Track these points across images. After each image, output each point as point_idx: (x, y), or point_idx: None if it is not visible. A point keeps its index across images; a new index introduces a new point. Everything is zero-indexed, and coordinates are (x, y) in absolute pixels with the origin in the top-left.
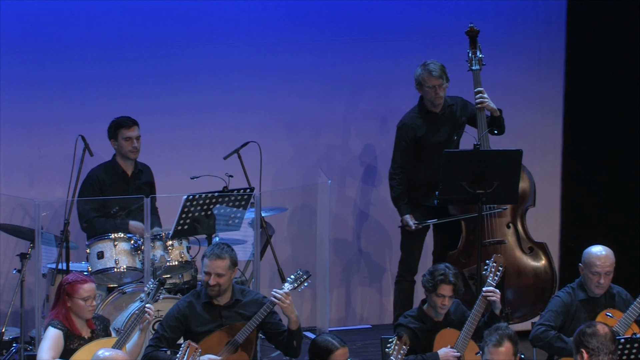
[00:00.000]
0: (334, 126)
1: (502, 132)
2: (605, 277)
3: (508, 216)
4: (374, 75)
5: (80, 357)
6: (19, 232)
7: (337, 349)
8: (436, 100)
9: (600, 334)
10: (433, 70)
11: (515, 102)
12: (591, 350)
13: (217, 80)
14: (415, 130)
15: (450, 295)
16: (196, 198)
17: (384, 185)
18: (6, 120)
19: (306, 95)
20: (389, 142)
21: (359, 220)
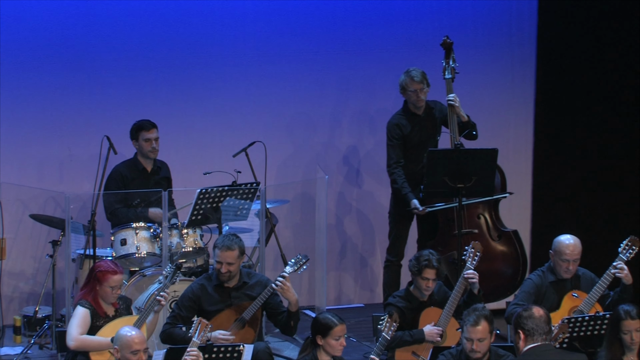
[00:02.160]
0: (330, 127)
1: (475, 138)
2: (573, 263)
3: (478, 208)
4: (364, 81)
5: (105, 333)
6: (51, 221)
7: (336, 325)
8: (418, 103)
9: (536, 316)
10: (415, 76)
11: (491, 105)
12: (527, 332)
13: (227, 87)
14: (402, 129)
15: (434, 278)
16: (208, 191)
17: (374, 179)
18: (40, 123)
19: (305, 100)
20: (377, 140)
21: (351, 211)
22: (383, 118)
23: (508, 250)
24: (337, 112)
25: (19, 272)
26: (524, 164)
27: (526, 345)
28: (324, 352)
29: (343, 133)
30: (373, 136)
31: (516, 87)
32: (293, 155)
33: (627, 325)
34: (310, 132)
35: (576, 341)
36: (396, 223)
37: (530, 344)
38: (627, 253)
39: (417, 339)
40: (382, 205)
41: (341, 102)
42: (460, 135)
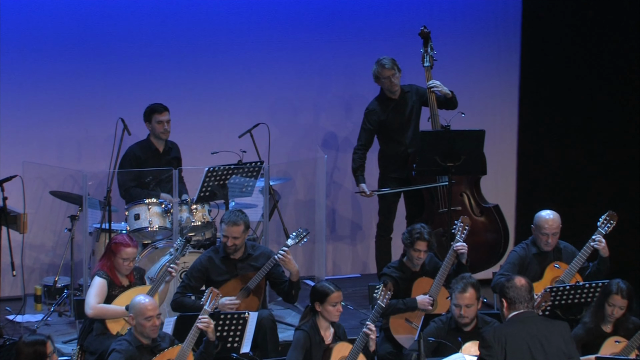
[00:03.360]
0: (330, 110)
1: (455, 107)
2: (553, 237)
3: (461, 187)
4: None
5: (120, 302)
6: (69, 198)
7: (332, 292)
8: (392, 88)
9: (518, 286)
10: (385, 63)
11: (479, 90)
12: (509, 300)
13: (233, 73)
14: (379, 115)
15: (425, 250)
16: (216, 170)
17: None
18: (59, 106)
19: (309, 84)
20: None
21: (346, 189)
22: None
23: (490, 224)
24: (336, 95)
25: (40, 245)
26: (509, 145)
27: (510, 312)
28: (322, 318)
29: (342, 114)
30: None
31: (502, 73)
32: (295, 136)
33: (615, 300)
34: (311, 114)
35: (558, 309)
36: (385, 202)
37: (514, 311)
38: (605, 227)
39: (410, 306)
40: (370, 185)
41: (339, 86)
42: (443, 108)
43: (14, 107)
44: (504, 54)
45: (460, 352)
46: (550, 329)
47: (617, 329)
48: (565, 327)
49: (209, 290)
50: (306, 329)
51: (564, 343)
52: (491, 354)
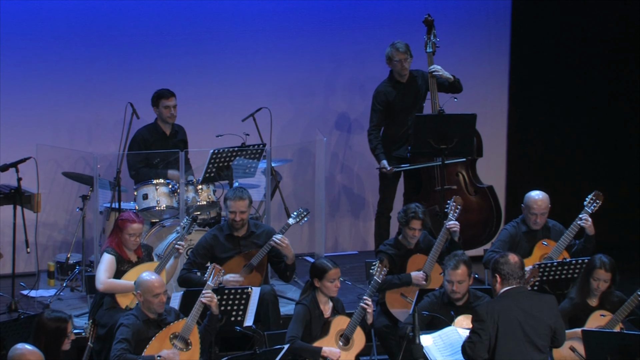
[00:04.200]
0: (325, 93)
1: (460, 91)
2: (541, 216)
3: (457, 167)
4: (356, 53)
5: (129, 277)
6: (81, 178)
7: (330, 269)
8: (402, 72)
9: (511, 262)
10: (399, 47)
11: (470, 77)
12: (503, 276)
13: (237, 59)
14: (387, 96)
15: (420, 228)
16: (220, 152)
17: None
18: (71, 91)
19: (306, 70)
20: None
21: (345, 169)
22: (372, 85)
23: (483, 204)
24: (332, 80)
25: (53, 223)
26: (499, 128)
27: (503, 287)
28: (321, 293)
29: (337, 99)
30: (363, 101)
31: (492, 59)
32: (295, 119)
33: (599, 274)
34: (310, 98)
35: (546, 284)
36: (385, 180)
37: (506, 286)
38: (591, 206)
39: (405, 282)
40: (371, 164)
41: (336, 71)
42: (448, 92)
43: (28, 93)
44: (494, 40)
45: (453, 325)
46: (540, 303)
47: (602, 303)
48: (553, 300)
49: (212, 266)
50: (306, 303)
51: (552, 316)
52: (484, 327)
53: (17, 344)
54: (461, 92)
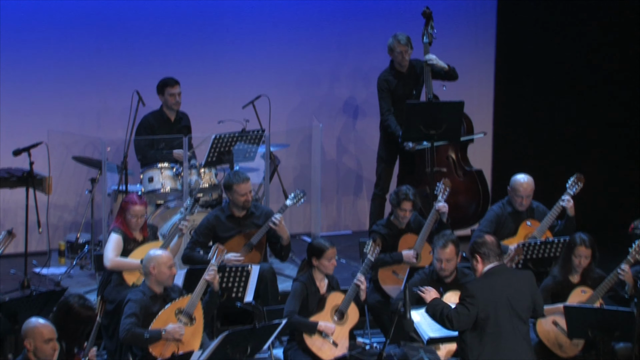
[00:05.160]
0: (325, 82)
1: (455, 79)
2: (526, 199)
3: (447, 151)
4: (357, 44)
5: (136, 256)
6: (90, 162)
7: (328, 248)
8: (403, 62)
9: (488, 242)
10: (401, 39)
11: (459, 65)
12: (483, 255)
13: (238, 49)
14: (389, 84)
15: (410, 209)
16: (222, 137)
17: (365, 126)
18: (80, 79)
19: (305, 59)
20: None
21: (344, 153)
22: (374, 74)
23: (471, 186)
24: (332, 69)
25: (63, 205)
26: (485, 113)
27: (485, 266)
28: (318, 271)
29: (341, 86)
30: (366, 89)
31: (480, 47)
32: (293, 106)
33: (580, 251)
34: (310, 86)
35: (530, 262)
36: (384, 163)
37: (488, 265)
38: (573, 188)
39: (397, 260)
40: (370, 148)
41: (336, 60)
42: (445, 80)
43: (40, 82)
44: (480, 29)
45: None
46: (521, 278)
47: (584, 280)
48: (531, 276)
49: (215, 246)
50: (303, 280)
51: (531, 290)
52: (474, 302)
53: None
54: (457, 79)
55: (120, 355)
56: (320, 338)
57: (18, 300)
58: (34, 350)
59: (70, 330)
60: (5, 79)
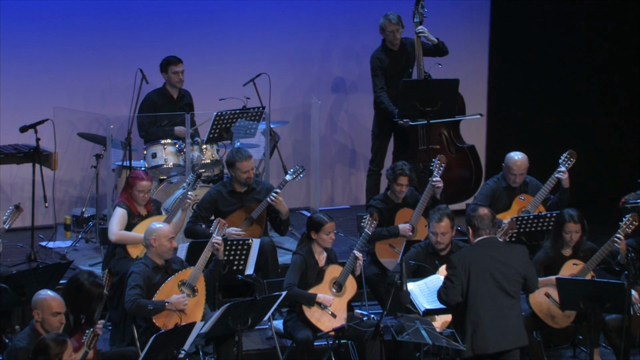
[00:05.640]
0: (323, 60)
1: (446, 54)
2: (520, 176)
3: (441, 128)
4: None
5: (139, 230)
6: (95, 139)
7: (326, 222)
8: (394, 41)
9: (481, 215)
10: (392, 19)
11: (454, 44)
12: (474, 227)
13: (239, 28)
14: (382, 62)
15: (407, 184)
16: (223, 114)
17: (358, 103)
18: (86, 58)
19: (303, 38)
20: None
21: (336, 129)
22: (366, 52)
23: (464, 162)
24: (329, 48)
25: (69, 180)
26: (480, 92)
27: (475, 238)
28: (317, 244)
29: (333, 65)
30: (357, 67)
31: (474, 27)
32: (292, 84)
33: (569, 227)
34: (307, 64)
35: (523, 236)
36: (378, 139)
37: (478, 237)
38: (566, 164)
39: (393, 233)
40: (363, 125)
41: (331, 39)
42: (435, 55)
43: (46, 60)
44: (475, 8)
45: (437, 273)
46: (510, 252)
47: (576, 252)
48: (523, 250)
49: (217, 220)
50: (302, 253)
51: (522, 265)
52: (455, 273)
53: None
54: (447, 54)
55: (124, 326)
56: (319, 309)
57: (25, 273)
58: (42, 321)
59: (80, 306)
60: (12, 58)
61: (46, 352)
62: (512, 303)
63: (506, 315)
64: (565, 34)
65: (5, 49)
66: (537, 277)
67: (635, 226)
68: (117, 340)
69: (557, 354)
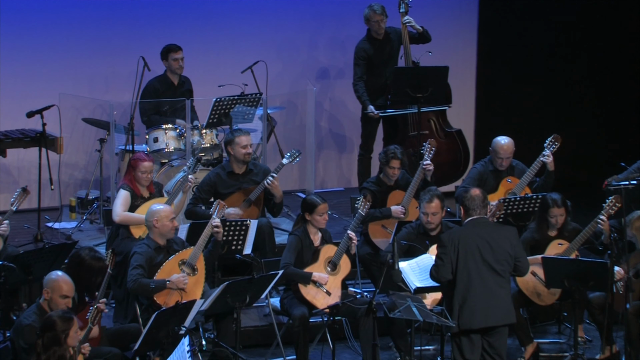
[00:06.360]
0: (318, 48)
1: (429, 40)
2: (506, 160)
3: (429, 114)
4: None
5: (142, 211)
6: (99, 124)
7: (319, 204)
8: (379, 30)
9: (472, 195)
10: (376, 9)
11: (442, 31)
12: (466, 207)
13: (238, 18)
14: (367, 52)
15: (399, 167)
16: (222, 100)
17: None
18: (90, 47)
19: (300, 27)
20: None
21: (331, 116)
22: (351, 42)
23: (452, 146)
24: (324, 37)
25: (74, 163)
26: (469, 79)
27: (466, 218)
28: (311, 225)
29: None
30: (343, 56)
31: (463, 15)
32: (288, 71)
33: (554, 211)
34: (303, 53)
35: (510, 217)
36: (367, 125)
37: (469, 217)
38: (551, 147)
39: (386, 215)
40: (352, 112)
41: (327, 29)
42: (419, 43)
43: (51, 48)
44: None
45: (428, 252)
46: (499, 232)
47: (561, 233)
48: (512, 231)
49: (217, 202)
50: (298, 234)
51: (511, 245)
52: (445, 251)
53: (45, 270)
54: (430, 41)
55: (127, 304)
56: (314, 287)
57: (32, 253)
58: (50, 300)
59: (82, 280)
60: (19, 47)
61: (53, 328)
62: (500, 281)
63: (494, 293)
64: (553, 21)
65: (13, 38)
66: (527, 259)
67: (618, 207)
68: (120, 318)
69: (543, 330)
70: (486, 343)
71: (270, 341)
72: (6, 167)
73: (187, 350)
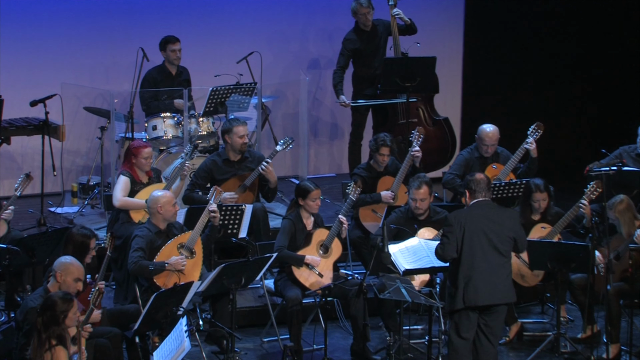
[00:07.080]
0: (309, 40)
1: (415, 32)
2: (492, 147)
3: (417, 102)
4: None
5: (141, 196)
6: (100, 112)
7: (312, 189)
8: (366, 22)
9: (477, 179)
10: (363, 2)
11: (429, 22)
12: (471, 190)
13: (233, 10)
14: (354, 43)
15: (388, 154)
16: (219, 89)
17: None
18: (91, 38)
19: (292, 20)
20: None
21: (322, 105)
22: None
23: (440, 133)
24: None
25: (76, 150)
26: (455, 68)
27: (472, 200)
28: (304, 210)
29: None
30: (332, 47)
31: (450, 9)
32: (282, 61)
33: (537, 196)
34: (296, 44)
35: (495, 202)
36: (357, 114)
37: (474, 199)
38: (534, 135)
39: (376, 200)
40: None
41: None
42: (406, 34)
43: (54, 38)
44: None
45: (416, 236)
46: (502, 214)
47: (544, 217)
48: (515, 214)
49: (214, 188)
50: (292, 218)
51: (513, 226)
52: (452, 230)
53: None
54: (416, 33)
55: (127, 285)
56: (307, 270)
57: (35, 237)
58: (62, 283)
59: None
60: (23, 38)
61: (53, 308)
62: (503, 261)
63: (497, 272)
64: (540, 11)
65: (16, 29)
66: (526, 239)
67: (599, 192)
68: (120, 299)
69: (527, 310)
70: (483, 322)
71: (264, 321)
72: (10, 154)
73: (184, 330)
